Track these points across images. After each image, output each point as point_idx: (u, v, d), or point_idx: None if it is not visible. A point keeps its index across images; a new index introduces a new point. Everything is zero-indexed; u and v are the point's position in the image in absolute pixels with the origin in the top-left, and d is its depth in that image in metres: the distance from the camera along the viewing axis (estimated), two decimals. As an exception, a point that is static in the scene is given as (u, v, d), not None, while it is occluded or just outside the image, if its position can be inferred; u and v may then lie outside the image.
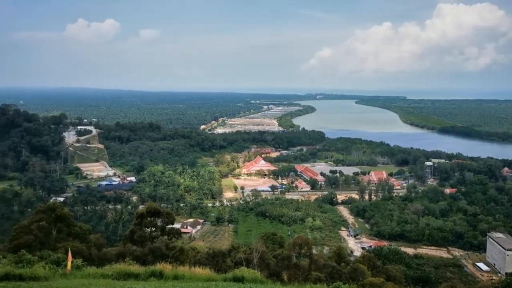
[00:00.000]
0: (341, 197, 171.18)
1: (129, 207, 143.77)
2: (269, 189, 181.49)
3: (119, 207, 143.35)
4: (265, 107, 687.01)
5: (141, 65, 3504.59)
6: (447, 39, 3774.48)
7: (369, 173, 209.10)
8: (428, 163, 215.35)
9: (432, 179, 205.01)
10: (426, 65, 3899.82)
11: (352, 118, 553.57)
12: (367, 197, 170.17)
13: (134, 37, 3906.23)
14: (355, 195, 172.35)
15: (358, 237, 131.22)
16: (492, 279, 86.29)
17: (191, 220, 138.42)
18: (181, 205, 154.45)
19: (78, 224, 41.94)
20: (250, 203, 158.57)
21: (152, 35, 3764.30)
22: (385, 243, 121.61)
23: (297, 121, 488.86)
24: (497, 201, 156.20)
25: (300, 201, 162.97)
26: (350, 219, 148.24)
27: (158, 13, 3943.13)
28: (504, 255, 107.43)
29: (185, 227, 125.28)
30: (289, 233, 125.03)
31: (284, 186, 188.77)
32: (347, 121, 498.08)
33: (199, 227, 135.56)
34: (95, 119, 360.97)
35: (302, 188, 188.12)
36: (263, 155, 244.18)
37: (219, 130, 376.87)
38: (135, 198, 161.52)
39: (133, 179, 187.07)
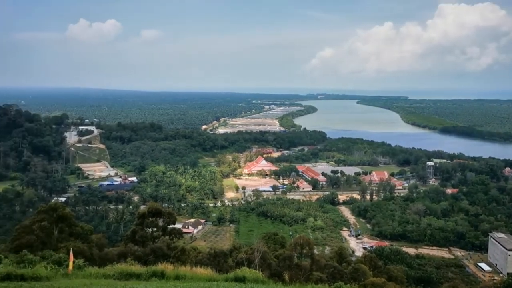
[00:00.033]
0: (342, 197, 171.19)
1: (131, 207, 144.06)
2: (271, 189, 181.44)
3: (120, 207, 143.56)
4: (267, 107, 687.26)
5: (143, 65, 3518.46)
6: (449, 39, 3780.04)
7: (370, 173, 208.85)
8: (429, 163, 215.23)
9: (433, 179, 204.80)
10: (427, 65, 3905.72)
11: (353, 118, 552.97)
12: (368, 197, 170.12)
13: (135, 37, 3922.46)
14: (356, 195, 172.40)
15: (359, 237, 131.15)
16: (493, 280, 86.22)
17: (193, 220, 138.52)
18: (183, 205, 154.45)
19: (79, 224, 42.00)
20: (251, 203, 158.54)
21: (153, 35, 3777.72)
22: (386, 243, 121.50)
23: (298, 121, 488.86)
24: (498, 201, 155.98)
25: (301, 201, 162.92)
26: (351, 219, 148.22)
27: (159, 13, 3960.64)
28: (506, 255, 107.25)
29: (187, 227, 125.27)
30: (291, 233, 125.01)
31: (285, 186, 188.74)
32: (349, 121, 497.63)
33: (200, 227, 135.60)
34: (96, 119, 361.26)
35: (303, 188, 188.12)
36: (264, 155, 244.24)
37: (221, 130, 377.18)
38: (136, 198, 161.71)
39: (134, 179, 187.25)
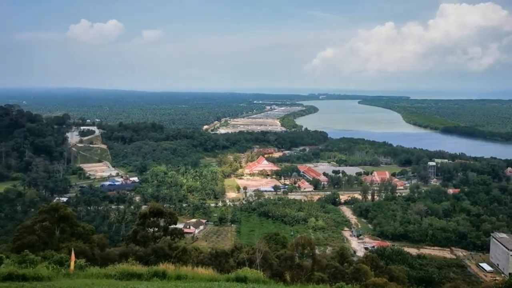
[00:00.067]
0: (344, 197, 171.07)
1: (132, 207, 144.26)
2: (272, 189, 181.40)
3: (122, 207, 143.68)
4: (268, 107, 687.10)
5: (144, 65, 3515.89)
6: (450, 39, 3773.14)
7: (372, 173, 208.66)
8: (431, 163, 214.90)
9: (435, 179, 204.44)
10: (429, 65, 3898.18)
11: (355, 118, 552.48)
12: (370, 197, 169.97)
13: (137, 37, 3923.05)
14: (358, 195, 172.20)
15: (361, 237, 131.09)
16: (495, 280, 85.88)
17: (194, 220, 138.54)
18: (184, 205, 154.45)
19: (81, 224, 42.13)
20: (252, 203, 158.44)
21: (154, 35, 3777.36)
22: (388, 243, 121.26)
23: (299, 121, 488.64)
24: (500, 201, 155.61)
25: (302, 201, 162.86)
26: (353, 219, 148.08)
27: (159, 14, 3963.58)
28: (507, 256, 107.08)
29: (188, 227, 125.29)
30: (292, 233, 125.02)
31: (286, 186, 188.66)
32: (350, 121, 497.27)
33: (201, 227, 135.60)
34: (98, 120, 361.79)
35: (304, 188, 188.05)
36: (265, 155, 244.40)
37: (222, 130, 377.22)
38: (138, 198, 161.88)
39: (136, 179, 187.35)
